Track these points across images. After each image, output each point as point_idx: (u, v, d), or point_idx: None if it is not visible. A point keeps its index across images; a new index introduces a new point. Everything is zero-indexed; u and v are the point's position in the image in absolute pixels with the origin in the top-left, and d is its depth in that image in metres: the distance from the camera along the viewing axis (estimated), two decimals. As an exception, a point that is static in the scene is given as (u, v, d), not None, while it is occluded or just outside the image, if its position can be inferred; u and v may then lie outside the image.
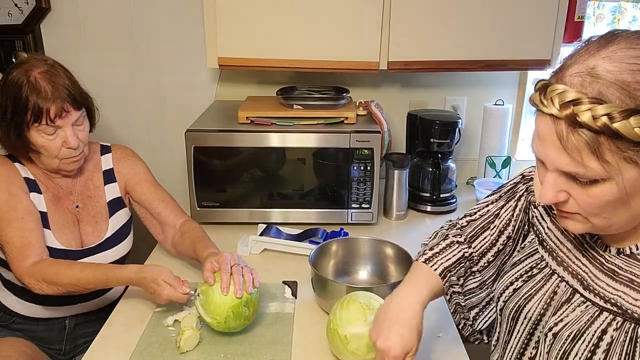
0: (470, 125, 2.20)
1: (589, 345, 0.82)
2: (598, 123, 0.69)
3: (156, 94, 2.13)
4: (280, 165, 1.76)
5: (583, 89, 0.71)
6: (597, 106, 0.69)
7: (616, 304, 0.80)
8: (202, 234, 1.50)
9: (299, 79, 2.09)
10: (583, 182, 0.75)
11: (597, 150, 0.71)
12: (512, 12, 1.77)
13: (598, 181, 0.74)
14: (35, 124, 1.34)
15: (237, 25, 1.77)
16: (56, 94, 1.34)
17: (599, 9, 2.09)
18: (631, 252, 0.82)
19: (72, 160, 1.43)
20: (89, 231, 1.51)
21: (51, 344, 1.54)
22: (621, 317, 0.80)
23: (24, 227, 1.35)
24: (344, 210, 1.79)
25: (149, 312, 1.35)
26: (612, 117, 0.68)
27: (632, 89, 0.69)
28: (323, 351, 1.22)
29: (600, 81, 0.70)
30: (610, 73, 0.70)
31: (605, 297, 0.82)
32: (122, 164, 1.58)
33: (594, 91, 0.70)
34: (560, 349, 0.85)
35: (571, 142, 0.72)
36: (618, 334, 0.80)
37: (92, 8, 2.02)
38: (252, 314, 1.26)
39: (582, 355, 0.82)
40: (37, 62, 1.37)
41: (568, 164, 0.74)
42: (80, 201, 1.51)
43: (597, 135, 0.70)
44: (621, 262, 0.82)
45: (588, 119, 0.69)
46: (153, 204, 1.57)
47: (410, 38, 1.79)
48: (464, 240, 1.11)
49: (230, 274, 1.24)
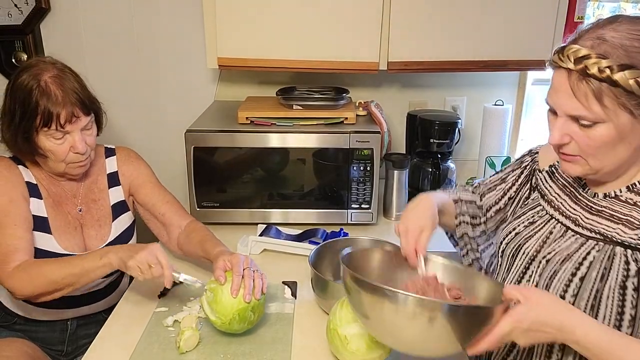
0: (470, 125, 2.20)
1: (574, 264, 1.02)
2: (603, 74, 0.89)
3: (156, 94, 2.13)
4: (280, 166, 1.76)
5: (592, 49, 0.92)
6: (602, 60, 0.90)
7: (599, 233, 1.01)
8: (209, 233, 1.50)
9: (299, 79, 2.09)
10: (585, 125, 0.95)
11: (600, 96, 0.91)
12: (512, 13, 1.77)
13: (597, 124, 0.93)
14: (45, 129, 1.33)
15: (237, 25, 1.77)
16: (66, 99, 1.33)
17: (598, 9, 2.09)
18: (615, 194, 1.03)
19: (79, 165, 1.42)
20: (92, 235, 1.50)
21: (52, 345, 1.53)
22: (602, 242, 1.00)
23: (14, 234, 1.34)
24: (344, 211, 1.79)
25: (148, 312, 1.35)
26: (612, 69, 0.89)
27: (630, 50, 0.90)
28: (323, 351, 1.22)
29: (606, 43, 0.91)
30: (615, 38, 0.91)
31: (592, 229, 1.02)
32: (126, 166, 1.58)
33: (601, 50, 0.91)
34: (550, 270, 1.05)
35: (581, 89, 0.92)
36: (599, 254, 1.00)
37: (92, 8, 2.02)
38: (256, 319, 1.26)
39: (568, 272, 1.02)
40: (47, 65, 1.36)
41: (576, 108, 0.94)
42: (84, 205, 1.51)
43: (600, 83, 0.90)
44: (606, 204, 1.03)
45: (595, 71, 0.90)
46: (157, 205, 1.56)
47: (410, 38, 1.79)
48: (477, 193, 1.35)
49: (242, 277, 1.24)
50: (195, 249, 1.47)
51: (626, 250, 0.97)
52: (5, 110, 1.37)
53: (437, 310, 0.89)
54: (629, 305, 0.97)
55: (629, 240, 0.97)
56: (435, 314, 0.89)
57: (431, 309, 0.89)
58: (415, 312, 0.90)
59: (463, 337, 0.92)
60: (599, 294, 0.99)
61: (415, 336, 0.94)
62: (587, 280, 1.00)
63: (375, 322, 0.98)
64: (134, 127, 2.15)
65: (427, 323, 0.89)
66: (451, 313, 0.89)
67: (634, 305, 0.97)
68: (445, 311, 0.89)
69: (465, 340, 0.93)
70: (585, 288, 1.00)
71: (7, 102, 1.36)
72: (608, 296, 0.98)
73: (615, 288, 0.97)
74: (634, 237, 0.96)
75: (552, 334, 0.92)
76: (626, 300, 0.97)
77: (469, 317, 0.92)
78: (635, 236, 0.96)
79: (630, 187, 1.02)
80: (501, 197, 1.29)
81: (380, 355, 1.14)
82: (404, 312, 0.91)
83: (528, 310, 0.92)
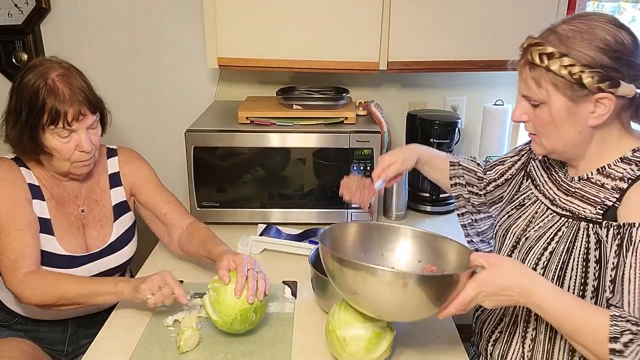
0: (470, 125, 2.20)
1: (547, 240, 1.13)
2: (542, 62, 1.02)
3: (156, 94, 2.13)
4: (280, 166, 1.76)
5: (541, 39, 1.04)
6: (543, 48, 1.02)
7: (570, 211, 1.11)
8: (211, 233, 1.50)
9: (299, 79, 2.09)
10: (534, 105, 1.08)
11: (539, 81, 1.04)
12: (512, 12, 1.77)
13: (541, 104, 1.06)
14: (51, 127, 1.33)
15: (237, 25, 1.77)
16: (74, 97, 1.33)
17: (598, 9, 2.09)
18: (587, 177, 1.11)
19: (83, 164, 1.42)
20: (94, 235, 1.50)
21: (53, 345, 1.54)
22: (571, 219, 1.11)
23: (21, 239, 1.35)
24: (344, 211, 1.79)
25: (149, 312, 1.35)
26: (551, 56, 1.01)
27: (569, 41, 1.01)
28: (323, 351, 1.22)
29: (554, 34, 1.03)
30: (563, 30, 1.02)
31: (565, 208, 1.13)
32: (127, 166, 1.58)
33: (547, 40, 1.03)
34: (527, 246, 1.16)
35: (527, 74, 1.06)
36: (566, 230, 1.11)
37: (92, 8, 2.02)
38: (258, 320, 1.27)
39: (541, 247, 1.13)
40: (53, 64, 1.37)
41: (525, 89, 1.08)
42: (86, 205, 1.51)
43: (540, 69, 1.03)
44: (580, 185, 1.12)
45: (537, 58, 1.03)
46: (158, 205, 1.57)
47: (410, 38, 1.79)
48: (482, 166, 1.46)
49: (246, 278, 1.24)
50: (197, 249, 1.47)
51: (588, 224, 1.07)
52: (11, 110, 1.37)
53: (409, 278, 1.01)
54: (591, 277, 1.06)
55: (590, 215, 1.07)
56: (407, 281, 1.00)
57: (403, 277, 1.02)
58: (392, 281, 1.01)
59: (435, 302, 1.02)
60: (564, 266, 1.09)
61: (395, 303, 1.04)
62: (555, 253, 1.10)
63: (361, 296, 1.06)
64: (134, 126, 2.15)
65: (403, 290, 1.00)
66: (420, 281, 1.00)
67: (596, 276, 1.06)
68: (415, 280, 1.00)
69: (438, 305, 1.02)
70: (553, 261, 1.10)
71: (13, 101, 1.36)
72: (572, 268, 1.08)
73: (578, 260, 1.07)
74: (594, 213, 1.06)
75: (515, 298, 1.01)
76: (589, 272, 1.07)
77: (436, 284, 1.01)
78: (595, 211, 1.06)
79: (600, 170, 1.10)
80: (500, 176, 1.38)
81: (379, 357, 1.14)
82: (383, 282, 1.01)
83: (491, 275, 1.01)
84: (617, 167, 1.07)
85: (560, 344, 1.14)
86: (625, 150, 1.08)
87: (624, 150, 1.08)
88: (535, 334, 1.18)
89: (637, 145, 1.08)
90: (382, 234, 1.28)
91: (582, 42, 1.00)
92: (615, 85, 0.99)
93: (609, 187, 1.06)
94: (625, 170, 1.06)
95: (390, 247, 1.28)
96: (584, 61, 0.99)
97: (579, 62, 0.99)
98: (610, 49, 0.99)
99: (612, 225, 1.03)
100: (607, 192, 1.06)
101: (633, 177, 1.04)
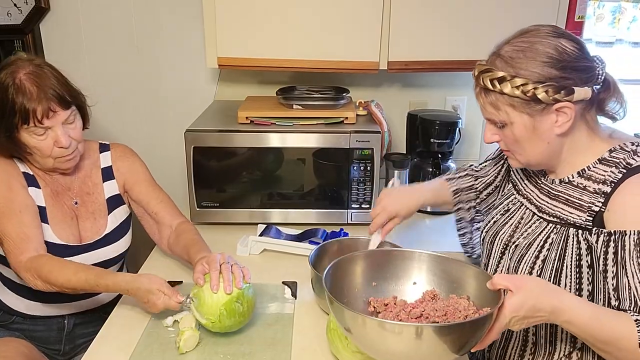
0: (470, 125, 2.20)
1: (538, 247, 1.13)
2: (495, 87, 1.04)
3: (156, 94, 2.13)
4: (280, 166, 1.76)
5: (489, 64, 1.07)
6: (493, 73, 1.04)
7: (556, 216, 1.12)
8: (196, 237, 1.50)
9: (299, 79, 2.09)
10: (499, 126, 1.10)
11: (497, 105, 1.06)
12: (512, 12, 1.77)
13: (506, 125, 1.08)
14: (25, 126, 1.34)
15: (237, 25, 1.77)
16: (41, 95, 1.33)
17: (599, 9, 2.09)
18: (568, 180, 1.12)
19: (66, 159, 1.42)
20: (87, 227, 1.51)
21: (50, 344, 1.53)
22: (559, 225, 1.11)
23: (22, 221, 1.35)
24: (344, 211, 1.79)
25: (148, 312, 1.35)
26: (501, 80, 1.03)
27: (514, 62, 1.03)
28: (323, 351, 1.22)
29: (499, 58, 1.06)
30: (507, 52, 1.05)
31: (551, 213, 1.13)
32: (121, 162, 1.58)
33: (494, 65, 1.06)
34: (518, 254, 1.16)
35: (485, 100, 1.08)
36: (556, 236, 1.11)
37: (92, 8, 2.02)
38: (247, 310, 1.26)
39: (532, 255, 1.13)
40: (24, 62, 1.37)
41: (487, 114, 1.10)
42: (79, 197, 1.51)
43: (495, 94, 1.05)
44: (562, 188, 1.13)
45: (489, 84, 1.05)
46: (151, 204, 1.56)
47: (410, 38, 1.79)
48: (472, 176, 1.47)
49: (219, 272, 1.25)
50: (181, 252, 1.48)
51: (577, 231, 1.08)
52: None
53: (426, 330, 0.90)
54: (585, 282, 1.07)
55: (579, 221, 1.07)
56: (422, 333, 0.90)
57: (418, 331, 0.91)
58: (401, 334, 0.92)
59: (459, 346, 0.93)
60: (558, 273, 1.09)
61: (404, 352, 0.95)
62: (548, 261, 1.11)
63: (359, 338, 1.00)
64: (134, 126, 2.14)
65: (415, 341, 0.91)
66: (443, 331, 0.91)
67: (590, 281, 1.07)
68: (435, 330, 0.90)
69: (461, 348, 0.94)
70: (547, 269, 1.11)
71: None
72: (566, 275, 1.09)
73: (571, 267, 1.08)
74: (583, 219, 1.06)
75: (546, 317, 0.97)
76: (582, 277, 1.08)
77: (469, 329, 0.94)
78: (584, 217, 1.06)
79: (581, 173, 1.10)
80: (490, 184, 1.41)
81: (381, 355, 1.13)
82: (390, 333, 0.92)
83: (522, 299, 0.96)
84: (597, 169, 1.08)
85: (561, 345, 1.14)
86: (601, 151, 1.08)
87: (599, 151, 1.09)
88: (535, 339, 1.17)
89: (612, 145, 1.08)
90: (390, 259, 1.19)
91: (526, 61, 1.02)
92: (570, 92, 1.01)
93: (592, 190, 1.07)
94: (607, 173, 1.06)
95: (401, 274, 1.18)
96: (534, 78, 1.01)
97: (530, 80, 1.01)
98: (555, 60, 1.01)
99: (602, 232, 1.03)
100: (591, 196, 1.06)
101: (615, 181, 1.04)
